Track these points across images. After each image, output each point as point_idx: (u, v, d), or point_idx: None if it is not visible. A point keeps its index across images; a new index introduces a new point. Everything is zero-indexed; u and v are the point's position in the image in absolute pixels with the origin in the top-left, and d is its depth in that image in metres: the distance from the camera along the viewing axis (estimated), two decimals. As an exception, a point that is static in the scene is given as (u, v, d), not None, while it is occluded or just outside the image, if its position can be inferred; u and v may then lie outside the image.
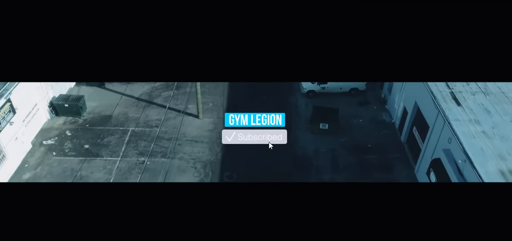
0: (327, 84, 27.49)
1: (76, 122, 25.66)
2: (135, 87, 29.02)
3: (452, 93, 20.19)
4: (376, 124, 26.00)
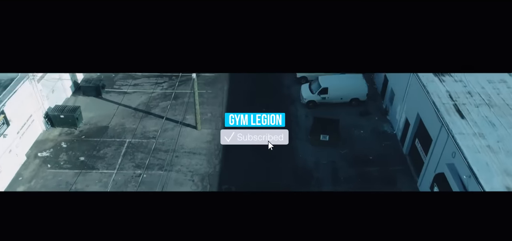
0: (327, 94, 27.06)
1: (72, 133, 25.19)
2: (132, 97, 28.61)
3: (456, 106, 19.74)
4: (377, 135, 25.53)
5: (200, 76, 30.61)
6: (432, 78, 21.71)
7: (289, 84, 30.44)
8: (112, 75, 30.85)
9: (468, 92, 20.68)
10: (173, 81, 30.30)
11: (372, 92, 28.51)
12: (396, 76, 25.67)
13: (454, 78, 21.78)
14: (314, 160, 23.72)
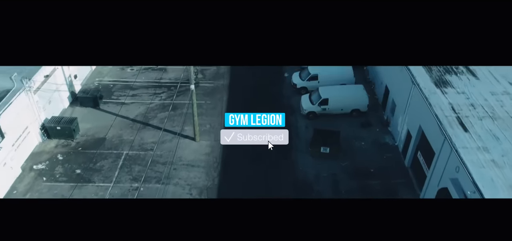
0: (328, 105, 26.70)
1: (68, 145, 24.80)
2: (130, 108, 28.25)
3: (459, 118, 19.37)
4: (378, 147, 25.12)
5: (199, 87, 30.34)
6: (434, 90, 21.37)
7: (289, 94, 30.10)
8: (110, 85, 30.55)
9: (471, 104, 20.32)
10: (172, 92, 29.98)
11: (372, 102, 28.16)
12: (398, 87, 25.34)
13: (456, 90, 21.44)
14: (314, 173, 23.30)
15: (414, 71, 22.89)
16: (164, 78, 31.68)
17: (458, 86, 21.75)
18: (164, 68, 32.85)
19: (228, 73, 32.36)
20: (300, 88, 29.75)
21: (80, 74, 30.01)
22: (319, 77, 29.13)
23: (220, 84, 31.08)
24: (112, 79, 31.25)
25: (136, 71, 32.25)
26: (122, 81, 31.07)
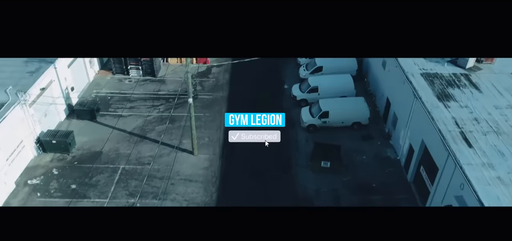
0: (328, 118, 26.27)
1: (64, 159, 24.32)
2: (128, 120, 27.83)
3: (462, 133, 18.94)
4: (380, 161, 24.65)
5: (197, 99, 29.95)
6: (436, 104, 20.98)
7: (288, 106, 29.69)
8: (108, 97, 30.16)
9: (475, 119, 19.90)
10: (170, 104, 29.58)
11: (373, 115, 27.74)
12: (399, 99, 24.95)
13: (459, 104, 21.04)
14: (314, 188, 22.80)
15: (416, 84, 22.53)
16: (162, 89, 31.31)
17: (461, 99, 21.36)
18: (162, 79, 32.52)
19: (227, 85, 32.02)
20: (300, 100, 29.37)
21: (78, 86, 29.65)
22: (319, 89, 28.77)
23: (219, 96, 30.70)
24: (109, 91, 30.87)
25: (134, 83, 31.90)
26: (119, 93, 30.69)
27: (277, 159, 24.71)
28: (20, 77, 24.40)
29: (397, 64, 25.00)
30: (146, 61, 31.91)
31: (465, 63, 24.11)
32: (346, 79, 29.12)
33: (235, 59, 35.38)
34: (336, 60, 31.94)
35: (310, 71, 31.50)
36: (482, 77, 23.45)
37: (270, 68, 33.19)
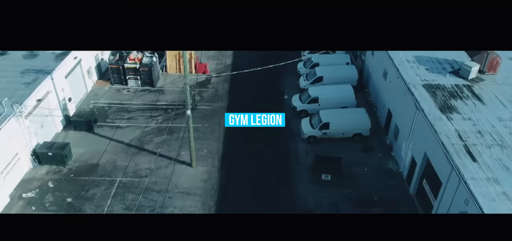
0: (329, 129, 25.88)
1: (60, 171, 23.90)
2: (126, 131, 27.44)
3: (466, 146, 18.54)
4: (382, 174, 24.20)
5: (196, 109, 29.60)
6: (439, 116, 20.60)
7: (288, 117, 29.26)
8: (106, 108, 29.80)
9: (478, 132, 19.52)
10: (169, 114, 29.21)
11: (375, 126, 27.34)
12: (401, 111, 24.57)
13: (462, 116, 20.67)
14: (315, 201, 22.34)
15: (418, 96, 22.17)
16: (160, 100, 30.97)
17: (464, 111, 20.99)
18: (161, 89, 32.19)
19: (227, 95, 31.67)
20: (300, 111, 29.00)
21: (75, 97, 29.32)
22: (320, 99, 28.42)
23: (218, 107, 30.34)
24: (107, 102, 30.53)
25: (132, 93, 31.57)
26: (117, 104, 30.34)
27: (277, 171, 24.28)
28: (16, 88, 24.09)
29: (398, 75, 24.68)
30: (145, 71, 31.61)
31: (467, 74, 23.78)
32: (346, 90, 28.78)
33: (234, 70, 35.12)
34: (336, 70, 31.69)
35: (310, 81, 31.20)
36: (485, 88, 23.10)
37: (270, 78, 32.87)
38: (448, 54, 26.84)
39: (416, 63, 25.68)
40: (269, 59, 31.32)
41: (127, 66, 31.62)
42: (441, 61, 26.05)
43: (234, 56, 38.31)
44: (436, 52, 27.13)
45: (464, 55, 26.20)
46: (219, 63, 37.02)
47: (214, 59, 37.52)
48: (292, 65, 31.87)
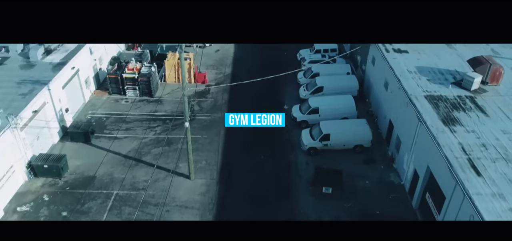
0: (329, 141, 25.47)
1: (56, 184, 23.45)
2: (123, 142, 27.03)
3: (470, 160, 18.11)
4: (384, 186, 23.75)
5: (195, 120, 29.23)
6: (442, 128, 20.21)
7: (288, 127, 28.89)
8: (103, 119, 29.42)
9: (483, 145, 19.11)
10: (167, 125, 28.82)
11: (376, 137, 26.93)
12: (402, 122, 24.19)
13: (466, 128, 20.27)
14: (316, 215, 21.86)
15: (420, 107, 21.80)
16: (159, 110, 30.61)
17: (468, 124, 20.60)
18: (159, 99, 31.83)
19: (226, 105, 31.30)
20: (300, 122, 28.62)
21: (72, 107, 28.96)
22: (320, 110, 28.05)
23: (218, 117, 29.96)
24: (105, 112, 30.16)
25: (131, 103, 31.22)
26: (115, 114, 29.97)
27: (277, 184, 23.83)
28: (11, 99, 23.75)
29: (399, 85, 24.33)
30: (143, 81, 31.29)
31: (470, 85, 23.43)
32: (347, 100, 28.42)
33: (234, 79, 34.80)
34: (337, 80, 31.38)
35: (311, 91, 30.86)
36: (488, 99, 22.74)
37: (270, 87, 32.52)
38: (450, 64, 26.55)
39: (417, 73, 25.35)
40: (269, 69, 31.04)
41: (125, 76, 31.31)
42: (443, 71, 25.72)
43: (234, 65, 38.04)
44: (438, 62, 26.82)
45: (466, 66, 25.88)
46: (218, 72, 36.73)
47: (214, 69, 37.25)
48: (292, 74, 31.57)
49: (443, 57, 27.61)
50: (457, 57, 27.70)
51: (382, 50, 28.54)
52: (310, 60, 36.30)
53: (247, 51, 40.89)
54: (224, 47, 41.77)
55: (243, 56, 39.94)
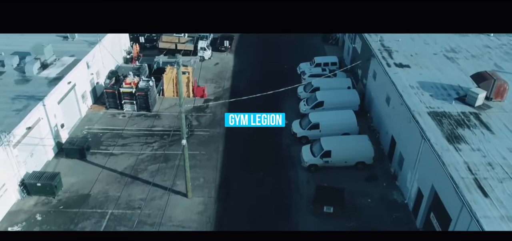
0: (330, 158, 24.86)
1: (49, 202, 22.78)
2: (119, 159, 26.41)
3: (476, 180, 17.49)
4: (386, 205, 23.07)
5: (193, 135, 28.66)
6: (447, 146, 19.62)
7: (288, 143, 28.35)
8: (100, 134, 28.86)
9: (489, 164, 18.50)
10: (164, 141, 28.24)
11: (378, 153, 26.34)
12: (405, 139, 23.61)
13: (471, 146, 19.69)
14: (317, 236, 21.12)
15: (423, 124, 21.25)
16: (156, 125, 30.06)
17: (473, 141, 20.02)
18: (157, 114, 31.32)
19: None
20: (300, 137, 28.04)
21: (68, 123, 28.42)
22: (321, 125, 27.50)
23: (216, 132, 29.40)
24: (102, 127, 29.61)
25: (128, 118, 30.68)
26: (112, 129, 29.42)
27: (277, 203, 23.16)
28: (5, 115, 23.23)
29: (402, 101, 23.81)
30: (141, 95, 30.81)
31: (474, 101, 22.91)
32: (348, 115, 27.89)
33: (233, 93, 34.34)
34: (337, 95, 30.91)
35: (311, 106, 30.35)
36: (493, 116, 22.20)
37: (269, 102, 31.98)
38: (452, 79, 26.09)
39: (420, 89, 24.86)
40: (268, 83, 30.59)
41: (122, 90, 30.84)
42: (446, 86, 25.24)
43: (233, 79, 37.61)
44: (440, 77, 26.35)
45: (469, 81, 25.41)
46: (217, 86, 36.28)
47: (213, 82, 36.81)
48: (292, 88, 31.09)
49: (445, 71, 27.16)
50: (459, 71, 27.26)
51: (383, 64, 28.11)
52: (310, 74, 35.87)
53: (246, 64, 40.54)
54: (223, 60, 41.43)
55: (242, 69, 39.55)
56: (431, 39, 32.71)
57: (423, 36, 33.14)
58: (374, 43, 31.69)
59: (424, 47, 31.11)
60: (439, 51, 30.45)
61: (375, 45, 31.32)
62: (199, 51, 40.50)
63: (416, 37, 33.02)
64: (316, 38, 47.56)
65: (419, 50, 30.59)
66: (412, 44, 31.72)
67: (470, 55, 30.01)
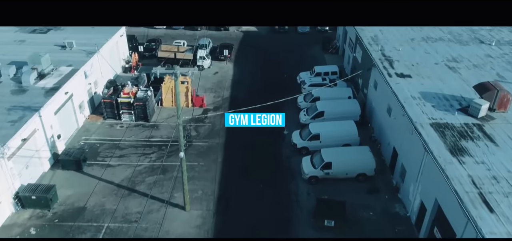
0: (331, 169, 24.42)
1: (44, 216, 22.30)
2: (116, 170, 25.96)
3: (481, 195, 17.03)
4: (389, 218, 22.58)
5: (191, 146, 28.24)
6: (450, 159, 19.19)
7: (288, 154, 27.94)
8: (97, 145, 28.43)
9: (493, 177, 18.06)
10: (162, 152, 27.80)
11: (379, 164, 25.90)
12: (407, 150, 23.19)
13: (475, 159, 19.25)
14: (318, 250, 20.66)
15: (426, 136, 20.83)
16: (154, 135, 29.65)
17: (477, 154, 19.59)
18: (155, 124, 30.92)
19: (224, 130, 30.33)
20: (300, 148, 27.62)
21: (65, 133, 28.02)
22: (321, 136, 27.10)
23: (215, 143, 28.99)
24: (99, 138, 29.20)
25: (126, 128, 30.28)
26: (109, 140, 29.00)
27: (277, 216, 22.66)
28: (0, 127, 22.81)
29: (404, 112, 23.43)
30: (139, 105, 30.43)
31: (477, 112, 22.52)
32: (349, 126, 27.50)
33: (232, 102, 33.97)
34: (338, 105, 30.54)
35: (311, 116, 29.97)
36: (497, 127, 21.80)
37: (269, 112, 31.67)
38: (454, 89, 25.73)
39: (422, 99, 24.48)
40: (268, 92, 30.20)
41: (120, 100, 30.48)
42: (448, 97, 24.87)
43: (232, 88, 37.28)
44: (442, 87, 26.00)
45: (471, 91, 25.04)
46: (216, 95, 35.93)
47: (212, 92, 36.48)
48: (291, 98, 30.74)
49: (447, 81, 26.82)
50: (461, 81, 26.91)
51: (384, 74, 27.77)
52: (311, 83, 35.54)
53: (246, 73, 40.24)
54: (223, 69, 41.14)
55: (242, 78, 39.24)
56: (432, 48, 32.43)
57: (424, 46, 32.87)
58: (375, 52, 31.40)
59: (425, 57, 30.81)
60: (440, 61, 30.14)
61: (375, 54, 31.02)
62: (198, 60, 40.24)
63: (417, 46, 32.75)
64: (316, 47, 47.33)
65: (420, 59, 30.28)
66: (413, 53, 31.43)
67: (471, 64, 29.70)
